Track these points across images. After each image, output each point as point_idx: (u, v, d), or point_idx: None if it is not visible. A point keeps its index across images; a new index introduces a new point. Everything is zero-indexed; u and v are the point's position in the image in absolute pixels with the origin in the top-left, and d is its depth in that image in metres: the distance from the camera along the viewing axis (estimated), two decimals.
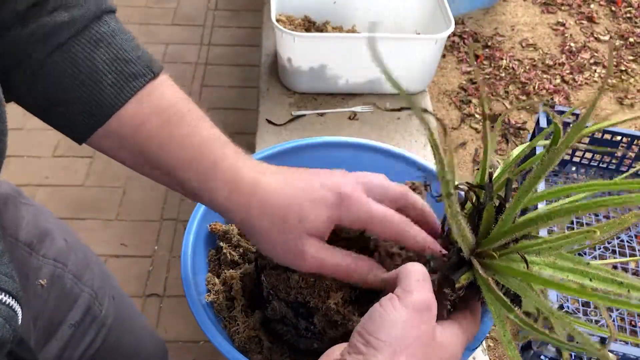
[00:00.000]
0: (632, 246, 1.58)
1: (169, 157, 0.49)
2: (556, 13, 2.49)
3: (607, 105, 2.10)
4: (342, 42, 1.11)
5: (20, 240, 0.61)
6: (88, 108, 0.48)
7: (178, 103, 0.50)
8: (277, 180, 0.49)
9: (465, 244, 0.45)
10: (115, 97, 0.48)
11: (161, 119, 0.49)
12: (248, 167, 0.50)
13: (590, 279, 0.39)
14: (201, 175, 0.49)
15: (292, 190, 0.48)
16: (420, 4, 1.25)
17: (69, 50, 0.47)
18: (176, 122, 0.49)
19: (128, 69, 0.48)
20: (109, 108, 0.48)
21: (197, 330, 0.52)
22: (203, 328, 0.52)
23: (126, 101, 0.48)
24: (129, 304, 0.83)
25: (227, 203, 0.49)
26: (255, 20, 2.50)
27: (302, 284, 0.52)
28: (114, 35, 0.49)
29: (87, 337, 0.70)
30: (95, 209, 1.82)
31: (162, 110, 0.49)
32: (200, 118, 0.50)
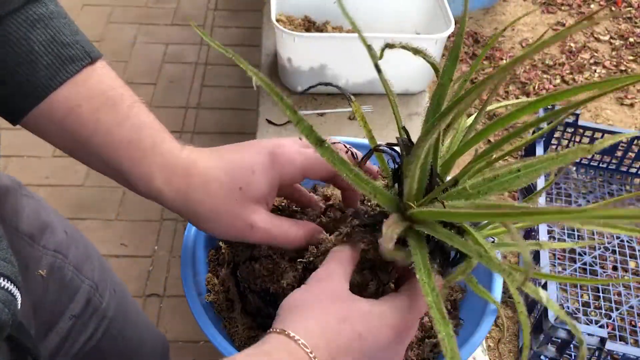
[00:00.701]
0: (632, 246, 1.58)
1: (103, 140, 0.48)
2: (556, 13, 2.49)
3: (607, 105, 2.10)
4: (342, 42, 1.11)
5: (21, 230, 0.62)
6: (22, 89, 0.47)
7: (115, 89, 0.49)
8: (212, 157, 0.49)
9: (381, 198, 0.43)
10: (50, 80, 0.47)
11: (97, 103, 0.48)
12: (186, 150, 0.50)
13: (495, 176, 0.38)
14: (137, 157, 0.48)
15: (229, 164, 0.49)
16: (420, 4, 1.25)
17: (4, 30, 0.46)
18: (112, 106, 0.48)
19: (65, 52, 0.48)
20: (43, 90, 0.47)
21: (197, 330, 0.52)
22: (203, 328, 0.52)
23: (61, 84, 0.47)
24: (130, 299, 0.84)
25: (165, 186, 0.48)
26: (255, 20, 2.50)
27: (264, 272, 0.53)
28: (52, 18, 0.48)
29: (88, 329, 0.70)
30: (95, 209, 1.82)
31: (98, 94, 0.48)
32: (136, 104, 0.50)
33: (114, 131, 0.48)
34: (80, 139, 0.48)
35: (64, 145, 0.50)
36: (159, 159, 0.48)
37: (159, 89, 2.19)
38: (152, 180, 0.48)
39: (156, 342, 0.90)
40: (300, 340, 0.40)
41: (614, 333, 1.40)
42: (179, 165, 0.48)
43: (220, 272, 0.60)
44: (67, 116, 0.48)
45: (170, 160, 0.48)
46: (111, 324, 0.74)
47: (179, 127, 2.05)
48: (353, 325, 0.42)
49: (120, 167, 0.49)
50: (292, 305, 0.43)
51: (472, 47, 2.29)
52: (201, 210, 0.48)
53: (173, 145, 0.50)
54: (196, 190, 0.48)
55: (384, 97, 1.20)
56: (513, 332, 1.50)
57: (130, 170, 0.48)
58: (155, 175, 0.48)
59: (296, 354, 0.39)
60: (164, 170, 0.48)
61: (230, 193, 0.48)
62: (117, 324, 0.75)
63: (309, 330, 0.41)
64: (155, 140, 0.49)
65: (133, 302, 0.85)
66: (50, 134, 0.50)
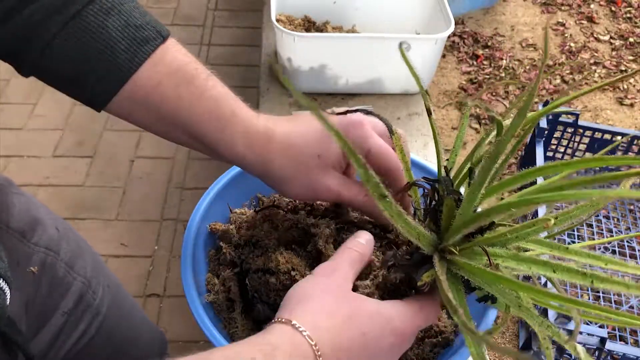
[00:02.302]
0: (632, 246, 1.58)
1: (187, 113, 0.51)
2: (556, 13, 2.49)
3: (607, 105, 2.10)
4: (342, 42, 1.11)
5: (11, 227, 0.62)
6: (105, 74, 0.50)
7: (189, 64, 0.53)
8: (289, 125, 0.53)
9: (423, 241, 0.44)
10: (130, 62, 0.50)
11: (176, 79, 0.51)
12: (262, 118, 0.54)
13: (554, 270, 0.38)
14: (220, 126, 0.52)
15: (305, 130, 0.53)
16: (420, 4, 1.25)
17: (83, 20, 0.49)
18: (190, 80, 0.52)
19: (139, 34, 0.51)
20: (125, 72, 0.50)
21: (197, 330, 0.52)
22: (203, 328, 0.52)
23: (140, 65, 0.50)
24: (124, 294, 0.83)
25: (247, 151, 0.52)
26: (255, 20, 2.50)
27: (279, 287, 0.53)
28: (122, 3, 0.51)
29: (81, 325, 0.70)
30: (95, 209, 1.82)
31: (175, 70, 0.51)
32: (210, 77, 0.53)
33: (195, 104, 0.51)
34: (164, 115, 0.52)
35: (148, 123, 0.53)
36: (240, 126, 0.52)
37: None
38: (235, 147, 0.52)
39: (153, 337, 0.90)
40: (305, 332, 0.40)
41: (614, 333, 1.40)
42: (259, 131, 0.52)
43: (221, 272, 0.60)
44: (150, 94, 0.51)
45: (249, 127, 0.52)
46: (105, 320, 0.74)
47: None
48: (358, 323, 0.42)
49: (204, 137, 0.52)
50: (299, 297, 0.44)
51: (472, 47, 2.29)
52: (281, 174, 0.52)
53: (250, 113, 0.53)
54: (276, 155, 0.52)
55: (384, 97, 1.20)
56: (513, 332, 1.50)
57: (214, 139, 0.52)
58: (238, 141, 0.52)
59: (300, 345, 0.40)
60: (245, 137, 0.52)
61: (310, 159, 0.52)
62: (111, 320, 0.75)
63: (315, 323, 0.41)
64: (234, 109, 0.52)
65: (128, 298, 0.85)
66: (135, 113, 0.53)
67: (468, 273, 0.43)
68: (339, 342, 0.41)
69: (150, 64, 0.51)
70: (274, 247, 0.56)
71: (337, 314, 0.42)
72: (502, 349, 0.31)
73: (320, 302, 0.43)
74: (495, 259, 0.42)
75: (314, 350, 0.40)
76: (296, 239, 0.58)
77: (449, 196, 0.45)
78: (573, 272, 0.38)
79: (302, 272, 0.53)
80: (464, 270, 0.43)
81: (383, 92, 1.20)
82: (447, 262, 0.44)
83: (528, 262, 0.40)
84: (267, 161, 0.52)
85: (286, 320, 0.41)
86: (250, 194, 0.68)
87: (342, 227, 0.57)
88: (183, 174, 1.92)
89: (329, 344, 0.41)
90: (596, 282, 0.37)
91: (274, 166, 0.52)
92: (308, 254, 0.56)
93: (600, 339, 1.17)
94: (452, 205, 0.45)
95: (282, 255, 0.54)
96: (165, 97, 0.51)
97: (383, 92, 1.20)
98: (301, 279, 0.47)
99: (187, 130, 0.52)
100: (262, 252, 0.56)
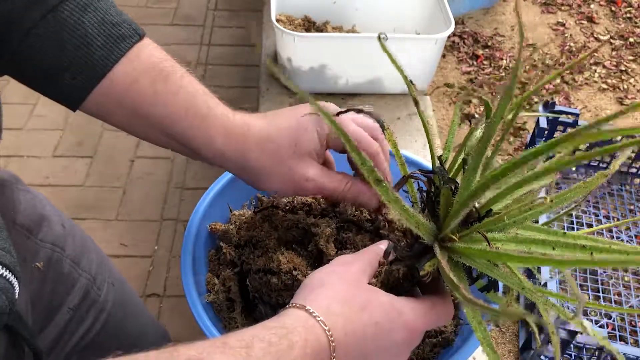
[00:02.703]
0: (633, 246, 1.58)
1: (164, 110, 0.51)
2: (556, 13, 2.49)
3: (608, 105, 2.10)
4: (342, 42, 1.11)
5: (18, 223, 0.62)
6: (81, 71, 0.50)
7: (165, 61, 0.53)
8: (265, 120, 0.54)
9: (423, 230, 0.44)
10: (106, 58, 0.50)
11: (151, 76, 0.51)
12: (238, 114, 0.54)
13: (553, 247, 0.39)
14: (196, 123, 0.51)
15: (281, 122, 0.53)
16: (420, 4, 1.25)
17: (59, 16, 0.49)
18: (165, 77, 0.52)
19: (116, 31, 0.51)
20: (101, 69, 0.50)
21: (197, 330, 0.52)
22: (203, 328, 0.52)
23: (117, 61, 0.50)
24: (130, 292, 0.84)
25: (224, 147, 0.52)
26: (255, 20, 2.50)
27: (281, 287, 0.53)
28: (99, 0, 0.51)
29: (86, 321, 0.70)
30: (95, 209, 1.82)
31: (151, 68, 0.51)
32: (186, 74, 0.53)
33: (171, 101, 0.51)
34: (140, 113, 0.51)
35: (125, 122, 0.53)
36: (217, 121, 0.52)
37: None
38: (213, 143, 0.52)
39: (157, 336, 0.91)
40: (319, 317, 0.41)
41: (614, 333, 1.40)
42: (236, 126, 0.52)
43: (221, 272, 0.60)
44: (127, 91, 0.51)
45: (226, 122, 0.52)
46: (110, 316, 0.74)
47: None
48: (372, 313, 0.43)
49: (182, 136, 0.52)
50: (315, 284, 0.44)
51: (472, 47, 2.29)
52: (258, 166, 0.52)
53: (226, 109, 0.53)
54: (253, 150, 0.52)
55: (384, 97, 1.20)
56: (513, 332, 1.50)
57: (192, 136, 0.52)
58: (215, 137, 0.52)
59: (313, 330, 0.40)
60: (222, 132, 0.52)
61: (286, 150, 0.52)
62: (116, 317, 0.75)
63: (330, 309, 0.41)
64: (210, 105, 0.52)
65: (133, 296, 0.85)
66: (111, 112, 0.52)
67: (469, 259, 0.43)
68: (352, 329, 0.41)
69: (127, 61, 0.51)
70: (274, 248, 0.56)
71: (352, 302, 0.43)
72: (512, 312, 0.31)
73: (335, 289, 0.43)
74: (495, 243, 0.42)
75: (327, 335, 0.40)
76: (296, 239, 0.58)
77: (445, 185, 0.45)
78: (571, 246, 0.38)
79: (303, 271, 0.53)
80: (465, 257, 0.44)
81: (383, 92, 1.20)
82: (448, 250, 0.45)
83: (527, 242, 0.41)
84: (245, 155, 0.52)
85: (300, 305, 0.42)
86: (250, 194, 0.69)
87: (342, 226, 0.57)
88: (183, 174, 1.92)
89: (341, 329, 0.41)
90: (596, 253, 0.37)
91: (251, 159, 0.52)
92: (309, 253, 0.56)
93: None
94: (449, 194, 0.45)
95: (283, 255, 0.54)
96: (142, 95, 0.51)
97: (383, 92, 1.20)
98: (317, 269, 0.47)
99: (164, 130, 0.52)
100: (262, 253, 0.56)
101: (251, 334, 0.39)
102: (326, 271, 0.46)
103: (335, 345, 0.40)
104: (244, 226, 0.61)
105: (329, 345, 0.40)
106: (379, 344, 0.43)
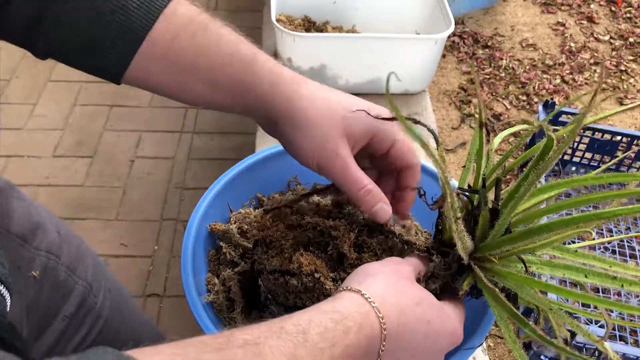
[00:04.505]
0: (632, 246, 1.58)
1: (207, 59, 0.51)
2: (556, 13, 2.49)
3: (608, 105, 2.10)
4: (342, 42, 1.11)
5: (12, 232, 0.61)
6: (121, 35, 0.49)
7: (201, 14, 0.53)
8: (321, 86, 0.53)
9: (464, 250, 0.45)
10: (144, 19, 0.49)
11: (191, 30, 0.51)
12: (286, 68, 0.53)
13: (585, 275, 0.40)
14: (242, 67, 0.51)
15: (336, 94, 0.53)
16: (420, 4, 1.25)
17: None
18: (205, 27, 0.51)
19: None
20: (141, 30, 0.49)
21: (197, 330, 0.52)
22: (203, 328, 0.52)
23: (155, 20, 0.50)
24: (126, 297, 0.83)
25: (273, 89, 0.51)
26: (255, 20, 2.50)
27: (301, 289, 0.52)
28: None
29: (82, 329, 0.70)
30: (95, 209, 1.82)
31: (190, 21, 0.51)
32: (224, 26, 0.53)
33: (214, 49, 0.51)
34: (186, 68, 0.51)
35: (171, 82, 0.53)
36: (264, 66, 0.51)
37: None
38: (260, 85, 0.51)
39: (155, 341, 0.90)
40: (374, 303, 0.40)
41: (614, 333, 1.40)
42: (285, 74, 0.52)
43: (221, 272, 0.60)
44: (169, 48, 0.50)
45: (274, 68, 0.52)
46: (107, 323, 0.73)
47: (179, 127, 2.05)
48: (425, 310, 0.43)
49: (226, 82, 0.51)
50: (368, 272, 0.44)
51: (472, 47, 2.29)
52: (301, 119, 0.51)
53: (272, 60, 0.53)
54: (303, 99, 0.51)
55: (384, 97, 1.20)
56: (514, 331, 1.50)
57: (237, 80, 0.51)
58: (263, 79, 0.51)
59: (368, 316, 0.40)
60: (270, 75, 0.51)
61: (335, 120, 0.51)
62: (113, 324, 0.75)
63: (384, 297, 0.41)
64: (255, 52, 0.52)
65: (129, 301, 0.85)
66: (157, 73, 0.52)
67: (504, 280, 0.45)
68: (405, 322, 0.41)
69: (164, 18, 0.50)
70: (291, 249, 0.55)
71: (406, 295, 0.42)
72: None
73: (390, 279, 0.43)
74: (530, 266, 0.43)
75: (381, 323, 0.40)
76: (312, 241, 0.57)
77: (486, 207, 0.46)
78: (603, 276, 0.40)
79: (325, 274, 0.52)
80: (500, 278, 0.45)
81: (383, 92, 1.19)
82: (485, 270, 0.46)
83: (562, 268, 0.42)
84: (292, 103, 0.51)
85: (356, 289, 0.41)
86: (250, 194, 0.69)
87: (362, 230, 0.57)
88: (183, 174, 1.92)
89: (395, 321, 0.41)
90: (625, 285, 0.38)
91: (296, 110, 0.51)
92: (328, 256, 0.55)
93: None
94: (487, 216, 0.46)
95: (303, 256, 0.53)
96: (184, 48, 0.50)
97: (383, 92, 1.19)
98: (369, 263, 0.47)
99: (207, 78, 0.51)
100: (277, 253, 0.55)
101: (308, 319, 0.38)
102: (380, 263, 0.46)
103: (387, 334, 0.40)
104: (255, 225, 0.60)
105: (380, 333, 0.40)
106: (427, 343, 0.43)
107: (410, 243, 0.54)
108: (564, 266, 0.41)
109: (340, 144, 0.51)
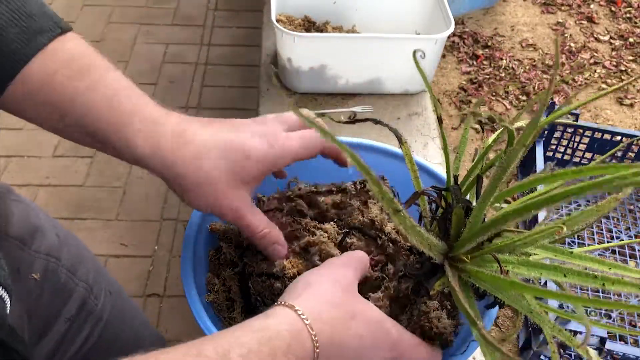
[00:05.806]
0: (632, 246, 1.58)
1: (83, 109, 0.47)
2: (556, 13, 2.49)
3: (607, 105, 2.10)
4: (342, 42, 1.11)
5: (11, 235, 0.61)
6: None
7: (88, 56, 0.49)
8: (206, 132, 0.48)
9: (434, 250, 0.44)
10: (21, 51, 0.46)
11: (71, 71, 0.47)
12: (174, 116, 0.48)
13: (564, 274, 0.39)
14: (118, 125, 0.47)
15: (225, 143, 0.48)
16: (420, 4, 1.25)
17: None
18: (87, 72, 0.47)
19: (33, 23, 0.47)
20: (16, 62, 0.46)
21: (197, 331, 0.52)
22: (203, 328, 0.52)
23: (33, 55, 0.46)
24: (126, 299, 0.83)
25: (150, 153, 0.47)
26: (255, 20, 2.49)
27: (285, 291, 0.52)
28: None
29: (83, 331, 0.70)
30: (95, 209, 1.82)
31: (71, 62, 0.47)
32: (112, 70, 0.49)
33: (91, 97, 0.47)
34: (59, 110, 0.47)
35: (45, 120, 0.49)
36: (142, 124, 0.47)
37: (159, 89, 2.19)
38: (135, 147, 0.47)
39: (154, 342, 0.90)
40: (307, 321, 0.39)
41: (614, 333, 1.40)
42: (167, 132, 0.47)
43: (221, 272, 0.60)
44: (43, 86, 0.47)
45: (154, 127, 0.47)
46: (107, 325, 0.73)
47: None
48: (358, 325, 0.42)
49: (103, 135, 0.47)
50: (307, 282, 0.43)
51: (471, 47, 2.29)
52: (188, 183, 0.48)
53: (156, 110, 0.48)
54: (186, 163, 0.47)
55: (384, 97, 1.20)
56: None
57: (114, 136, 0.47)
58: (139, 141, 0.47)
59: (299, 335, 0.39)
60: (148, 137, 0.47)
61: (223, 174, 0.48)
62: (113, 326, 0.75)
63: (320, 314, 0.40)
64: (136, 104, 0.47)
65: (129, 303, 0.84)
66: (29, 109, 0.48)
67: (479, 280, 0.43)
68: (339, 338, 0.41)
69: (44, 54, 0.47)
70: None
71: (342, 308, 0.42)
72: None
73: (327, 290, 0.42)
74: (506, 266, 0.42)
75: (314, 341, 0.39)
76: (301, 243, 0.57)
77: (459, 205, 0.45)
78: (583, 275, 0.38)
79: None
80: (475, 278, 0.44)
81: (383, 92, 1.20)
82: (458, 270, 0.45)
83: (538, 267, 0.41)
84: (174, 168, 0.47)
85: (290, 305, 0.41)
86: None
87: (348, 232, 0.57)
88: None
89: (328, 337, 0.40)
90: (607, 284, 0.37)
91: (180, 175, 0.48)
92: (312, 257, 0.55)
93: (600, 339, 1.17)
94: (461, 214, 0.45)
95: (288, 260, 0.54)
96: (59, 90, 0.47)
97: (383, 92, 1.20)
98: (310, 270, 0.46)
99: (83, 127, 0.48)
100: (264, 256, 0.55)
101: (229, 341, 0.37)
102: (319, 272, 0.45)
103: (319, 352, 0.39)
104: None
105: (313, 352, 0.39)
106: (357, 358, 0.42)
107: (396, 242, 0.55)
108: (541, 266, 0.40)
109: (234, 196, 0.49)
